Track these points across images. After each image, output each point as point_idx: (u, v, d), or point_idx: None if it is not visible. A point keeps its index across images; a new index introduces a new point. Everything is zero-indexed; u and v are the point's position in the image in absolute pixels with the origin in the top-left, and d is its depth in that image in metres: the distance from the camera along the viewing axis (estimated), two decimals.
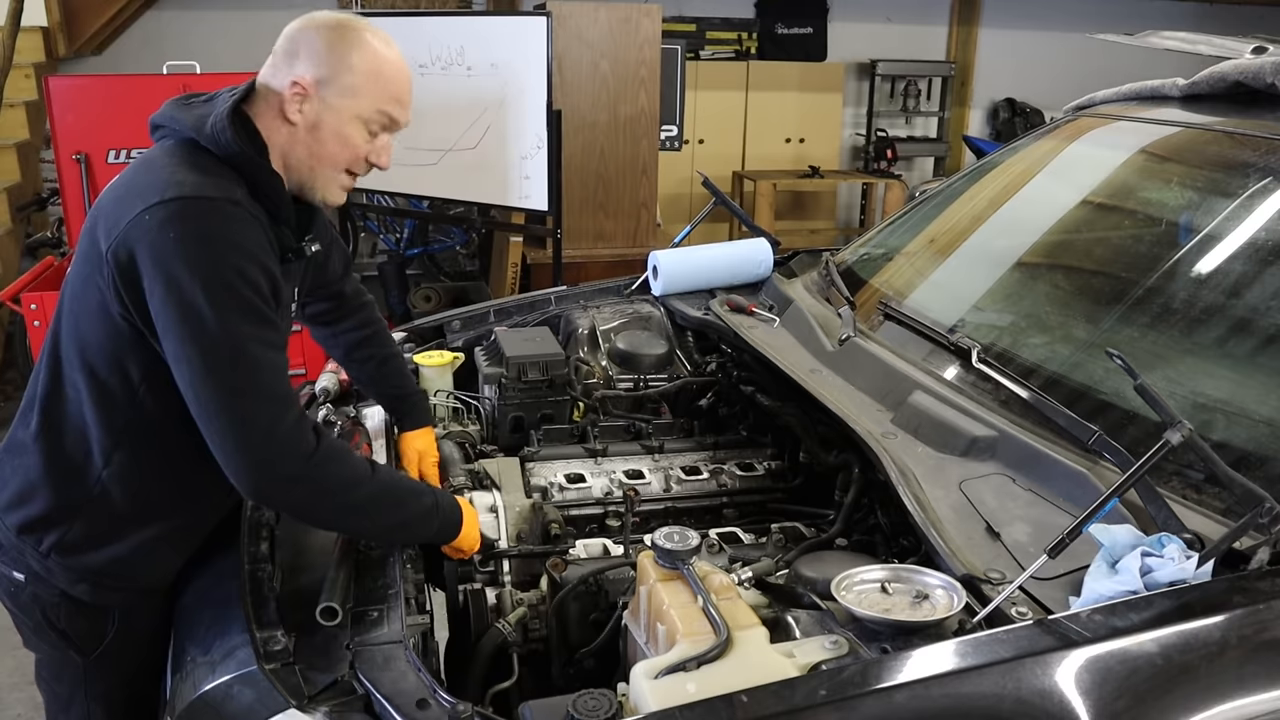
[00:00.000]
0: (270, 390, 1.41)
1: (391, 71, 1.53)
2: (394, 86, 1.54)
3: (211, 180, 1.43)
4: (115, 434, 1.52)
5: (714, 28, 7.63)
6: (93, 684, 1.67)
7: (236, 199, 1.43)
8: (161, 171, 1.44)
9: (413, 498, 1.59)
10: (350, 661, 1.35)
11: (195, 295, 1.36)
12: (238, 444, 1.40)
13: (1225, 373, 1.69)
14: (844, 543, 1.74)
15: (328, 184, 1.57)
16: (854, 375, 1.99)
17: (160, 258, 1.38)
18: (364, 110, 1.52)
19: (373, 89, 1.51)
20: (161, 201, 1.39)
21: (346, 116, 1.51)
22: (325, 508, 1.51)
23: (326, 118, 1.51)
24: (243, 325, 1.39)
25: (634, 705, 1.22)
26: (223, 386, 1.39)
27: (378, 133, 1.56)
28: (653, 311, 2.64)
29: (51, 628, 1.62)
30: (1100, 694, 1.14)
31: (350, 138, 1.53)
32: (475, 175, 4.43)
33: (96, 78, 5.04)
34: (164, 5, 6.63)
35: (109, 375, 1.49)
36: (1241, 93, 2.11)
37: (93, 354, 1.49)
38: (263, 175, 1.49)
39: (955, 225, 2.49)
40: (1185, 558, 1.28)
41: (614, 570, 1.66)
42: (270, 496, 1.48)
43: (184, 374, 1.40)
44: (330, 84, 1.49)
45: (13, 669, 2.92)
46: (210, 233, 1.39)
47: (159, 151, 1.50)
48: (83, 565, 1.57)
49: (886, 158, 7.63)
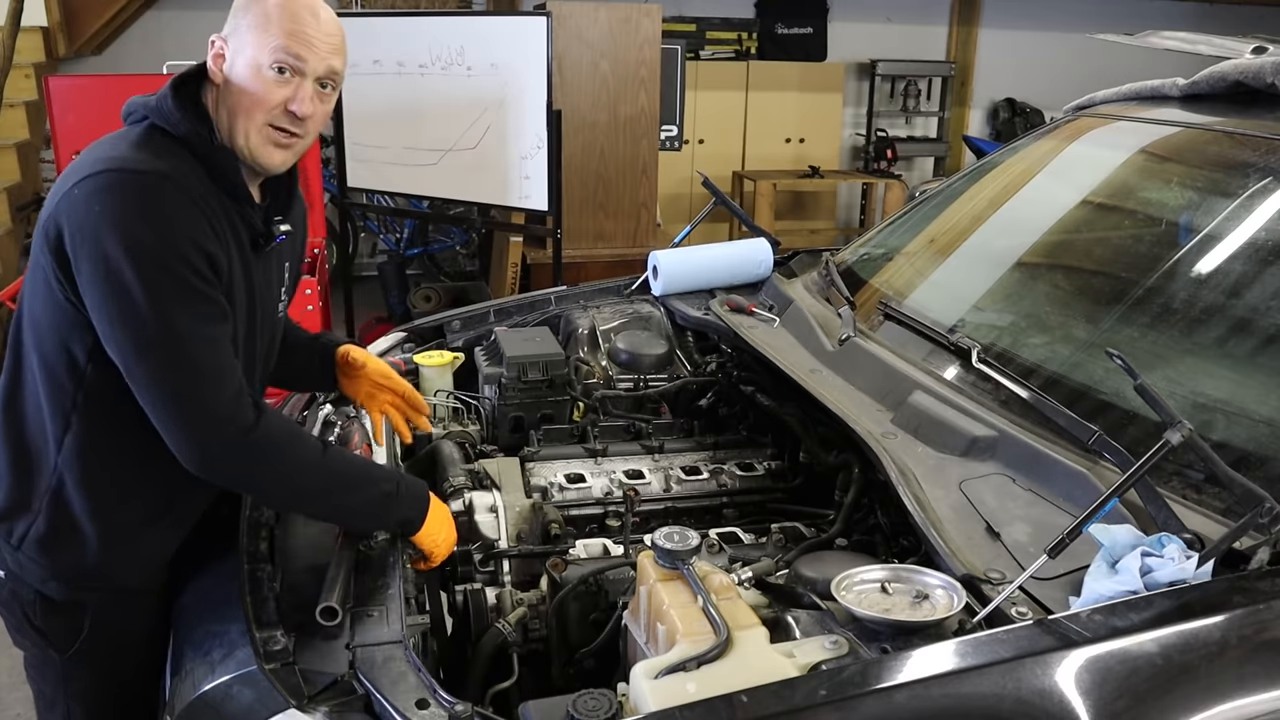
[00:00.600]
0: (204, 365, 1.40)
1: (278, 11, 1.49)
2: (286, 23, 1.49)
3: (147, 156, 1.42)
4: (65, 417, 1.51)
5: (714, 28, 7.63)
6: (71, 683, 1.66)
7: (165, 172, 1.41)
8: (102, 148, 1.45)
9: (369, 484, 1.56)
10: (350, 661, 1.35)
11: (121, 270, 1.36)
12: (175, 419, 1.40)
13: (1225, 373, 1.69)
14: (844, 543, 1.74)
15: (256, 141, 1.51)
16: (854, 375, 1.99)
17: (85, 232, 1.37)
18: (260, 53, 1.48)
19: (264, 28, 1.49)
20: (89, 175, 1.39)
21: (247, 60, 1.49)
22: (270, 483, 1.51)
23: (235, 70, 1.50)
24: (172, 299, 1.38)
25: (634, 705, 1.22)
26: (155, 363, 1.39)
27: (288, 76, 1.49)
28: (653, 311, 2.64)
29: (30, 625, 1.61)
30: (1100, 694, 1.14)
31: (255, 82, 1.49)
32: (475, 175, 4.43)
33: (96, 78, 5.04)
34: (164, 5, 6.63)
35: (56, 357, 1.49)
36: (1241, 93, 2.11)
37: (43, 335, 1.49)
38: (209, 149, 1.48)
39: (955, 225, 2.49)
40: (1185, 558, 1.28)
41: (614, 570, 1.66)
42: (212, 471, 1.47)
43: (116, 353, 1.40)
44: (234, 34, 1.50)
45: (11, 668, 2.92)
46: (135, 206, 1.38)
47: (111, 134, 1.51)
48: (53, 562, 1.56)
49: (886, 158, 7.63)
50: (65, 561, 1.56)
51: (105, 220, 1.36)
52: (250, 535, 1.63)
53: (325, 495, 1.54)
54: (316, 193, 4.84)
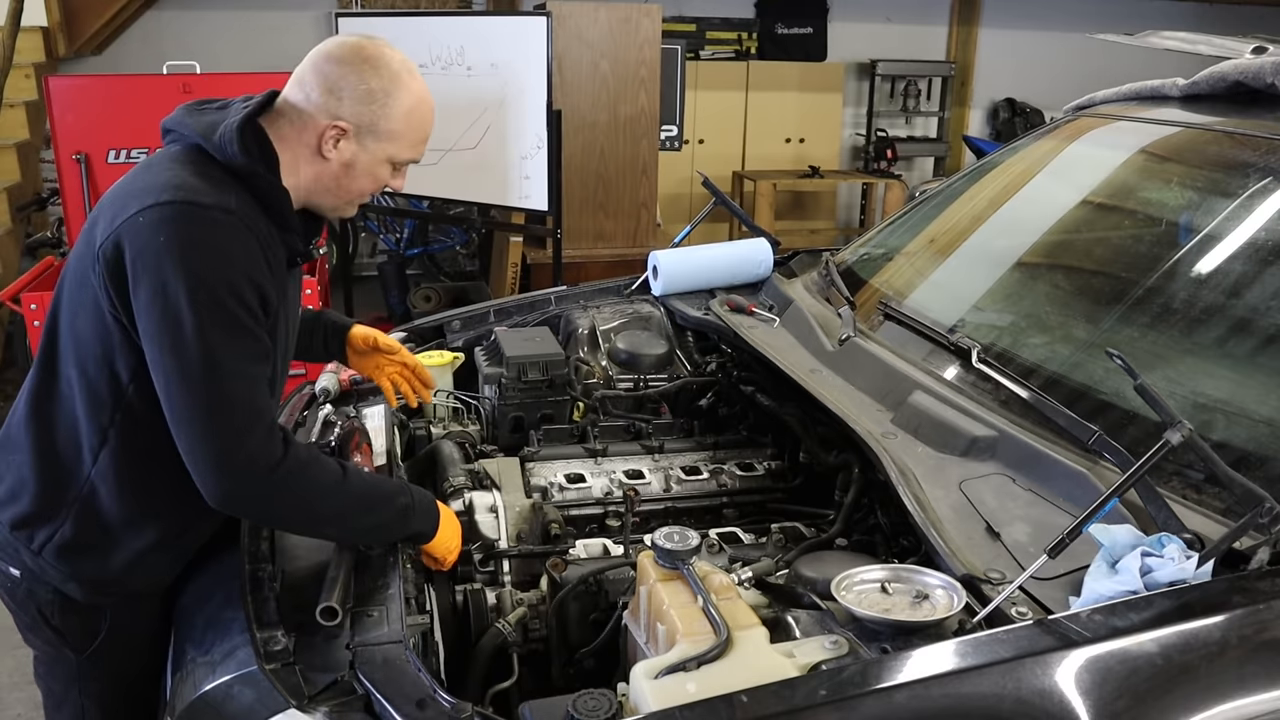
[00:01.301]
0: (240, 403, 1.41)
1: (425, 116, 1.58)
2: (426, 129, 1.59)
3: (210, 187, 1.44)
4: (103, 432, 1.52)
5: (714, 28, 7.63)
6: (86, 682, 1.67)
7: (231, 208, 1.43)
8: (162, 174, 1.45)
9: (384, 502, 1.58)
10: (350, 661, 1.35)
11: (178, 301, 1.37)
12: (204, 454, 1.41)
13: (1225, 373, 1.69)
14: (844, 543, 1.74)
15: (346, 208, 1.63)
16: (854, 375, 1.99)
17: (148, 259, 1.39)
18: (399, 154, 1.57)
19: (408, 135, 1.56)
20: (157, 204, 1.40)
21: (381, 158, 1.56)
22: (292, 517, 1.54)
23: (362, 159, 1.54)
24: (222, 337, 1.39)
25: (634, 705, 1.22)
26: (194, 397, 1.39)
27: (402, 169, 1.61)
28: (653, 311, 2.64)
29: (46, 624, 1.62)
30: (1100, 694, 1.14)
31: (379, 176, 1.58)
32: (475, 175, 4.43)
33: (96, 78, 5.04)
34: (164, 5, 6.63)
35: (98, 373, 1.49)
36: (1241, 93, 2.11)
37: (85, 351, 1.50)
38: (269, 190, 1.50)
39: (955, 225, 2.49)
40: (1185, 558, 1.28)
41: (614, 570, 1.66)
42: (235, 507, 1.48)
43: (160, 380, 1.41)
44: (371, 130, 1.53)
45: (13, 669, 2.92)
46: (200, 239, 1.40)
47: (163, 155, 1.51)
48: (74, 569, 1.57)
49: (886, 158, 7.63)
50: (84, 568, 1.57)
51: (170, 250, 1.38)
52: (250, 535, 1.63)
53: (342, 519, 1.54)
54: None
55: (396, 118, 1.53)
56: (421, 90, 1.57)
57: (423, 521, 1.61)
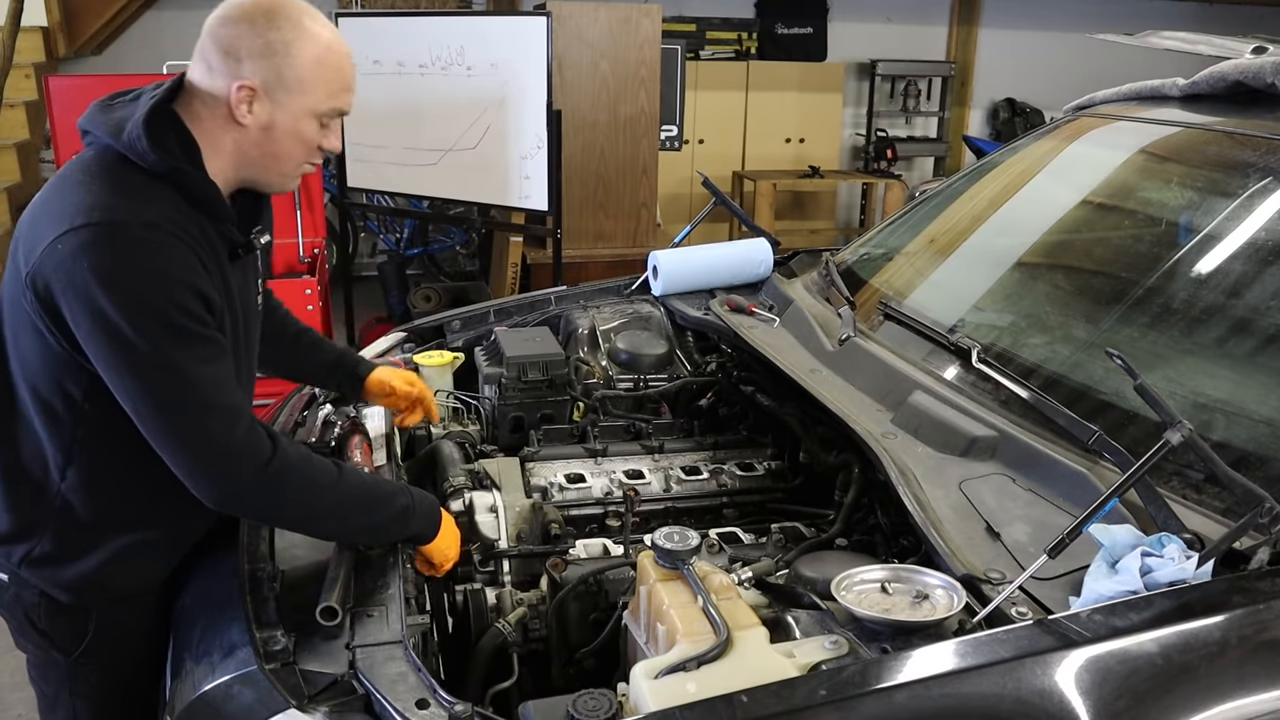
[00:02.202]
0: (215, 406, 1.39)
1: (337, 61, 1.48)
2: (342, 76, 1.49)
3: (126, 201, 1.37)
4: (66, 449, 1.50)
5: (714, 28, 7.62)
6: (76, 683, 1.66)
7: (151, 220, 1.36)
8: (74, 191, 1.38)
9: (383, 501, 1.57)
10: (350, 661, 1.35)
11: (120, 326, 1.33)
12: (192, 459, 1.40)
13: (1225, 373, 1.69)
14: (844, 543, 1.74)
15: (285, 179, 1.54)
16: (854, 375, 1.99)
17: (77, 289, 1.33)
18: (318, 106, 1.47)
19: (322, 83, 1.46)
20: (72, 229, 1.33)
21: (299, 112, 1.46)
22: (290, 514, 1.52)
23: (279, 117, 1.45)
24: (174, 349, 1.35)
25: (634, 705, 1.22)
26: (165, 408, 1.38)
27: (328, 123, 1.51)
28: (653, 311, 2.64)
29: (33, 627, 1.61)
30: (1100, 694, 1.14)
31: (305, 133, 1.48)
32: (475, 175, 4.43)
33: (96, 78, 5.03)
34: (164, 5, 6.63)
35: (51, 394, 1.47)
36: (1241, 93, 2.11)
37: (33, 373, 1.47)
38: (193, 184, 1.43)
39: (955, 225, 2.49)
40: (1185, 558, 1.28)
41: (614, 570, 1.66)
42: (232, 506, 1.47)
43: (125, 400, 1.39)
44: (280, 84, 1.44)
45: (13, 669, 2.92)
46: (125, 260, 1.34)
47: (77, 164, 1.44)
48: (54, 576, 1.56)
49: (886, 158, 7.63)
50: (66, 576, 1.56)
51: (96, 278, 1.32)
52: (250, 535, 1.63)
53: (343, 518, 1.54)
54: (317, 193, 4.84)
55: (304, 65, 1.44)
56: (328, 36, 1.47)
57: (423, 524, 1.61)
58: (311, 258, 4.69)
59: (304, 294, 4.24)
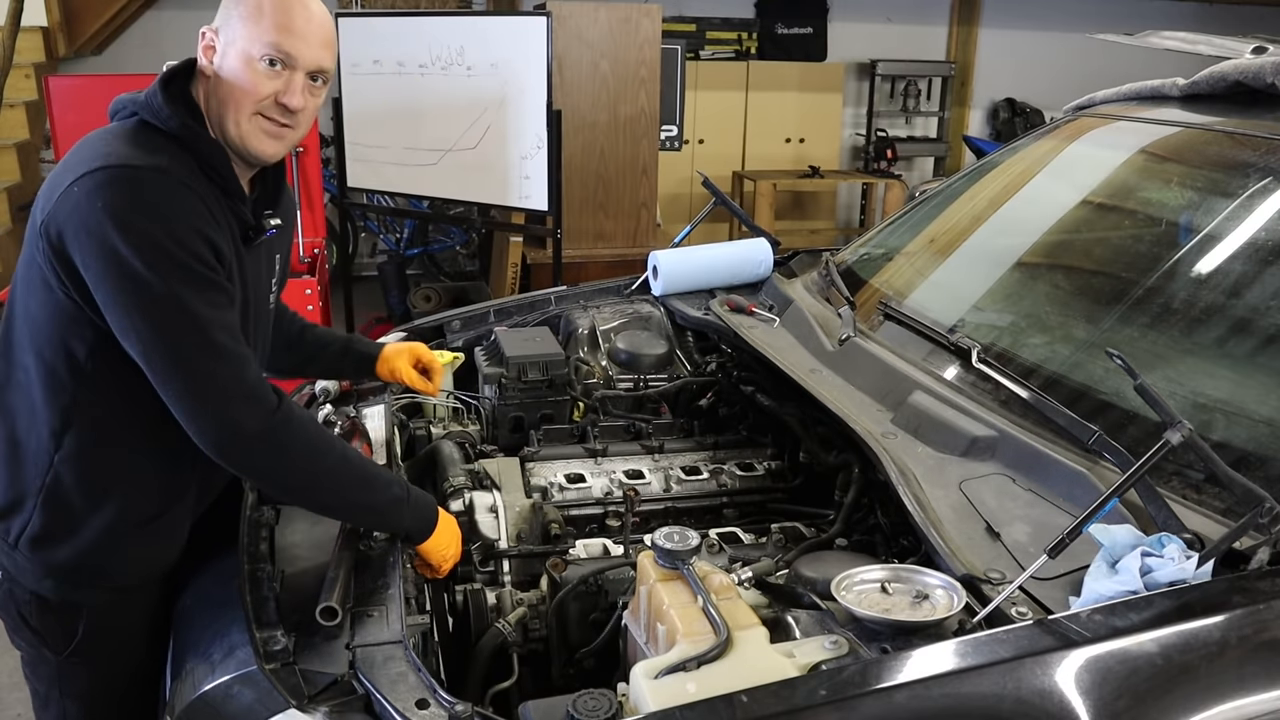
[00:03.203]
0: (225, 347, 1.41)
1: (271, 4, 1.50)
2: (278, 16, 1.50)
3: (142, 152, 1.43)
4: (64, 415, 1.50)
5: (714, 28, 7.63)
6: (66, 682, 1.66)
7: (164, 167, 1.42)
8: (95, 145, 1.45)
9: (381, 484, 1.57)
10: (350, 661, 1.35)
11: (132, 262, 1.36)
12: (198, 401, 1.41)
13: (1225, 373, 1.69)
14: (844, 543, 1.74)
15: (247, 131, 1.52)
16: (854, 375, 1.99)
17: (90, 228, 1.37)
18: (251, 45, 1.49)
19: (256, 20, 1.49)
20: (89, 172, 1.39)
21: (238, 53, 1.49)
22: (289, 470, 1.50)
23: (226, 61, 1.50)
24: (185, 288, 1.39)
25: (634, 705, 1.22)
26: (176, 347, 1.39)
27: (279, 70, 1.50)
28: (653, 311, 2.64)
29: (25, 625, 1.62)
30: (1100, 694, 1.14)
31: (245, 74, 1.49)
32: (475, 175, 4.43)
33: (96, 78, 5.03)
34: (164, 5, 6.63)
35: (55, 354, 1.48)
36: (1241, 93, 2.11)
37: (39, 333, 1.49)
38: (201, 144, 1.48)
39: (955, 225, 2.49)
40: (1185, 558, 1.28)
41: (614, 570, 1.66)
42: (233, 455, 1.47)
43: (134, 344, 1.40)
44: (225, 26, 1.50)
45: (13, 669, 2.92)
46: (138, 199, 1.38)
47: (98, 132, 1.51)
48: (48, 560, 1.55)
49: (886, 158, 7.63)
50: (59, 559, 1.55)
51: (110, 217, 1.36)
52: (250, 535, 1.63)
53: (341, 488, 1.54)
54: (317, 193, 4.84)
55: (248, 5, 1.49)
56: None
57: (416, 519, 1.60)
58: (311, 258, 4.69)
59: (304, 294, 4.24)
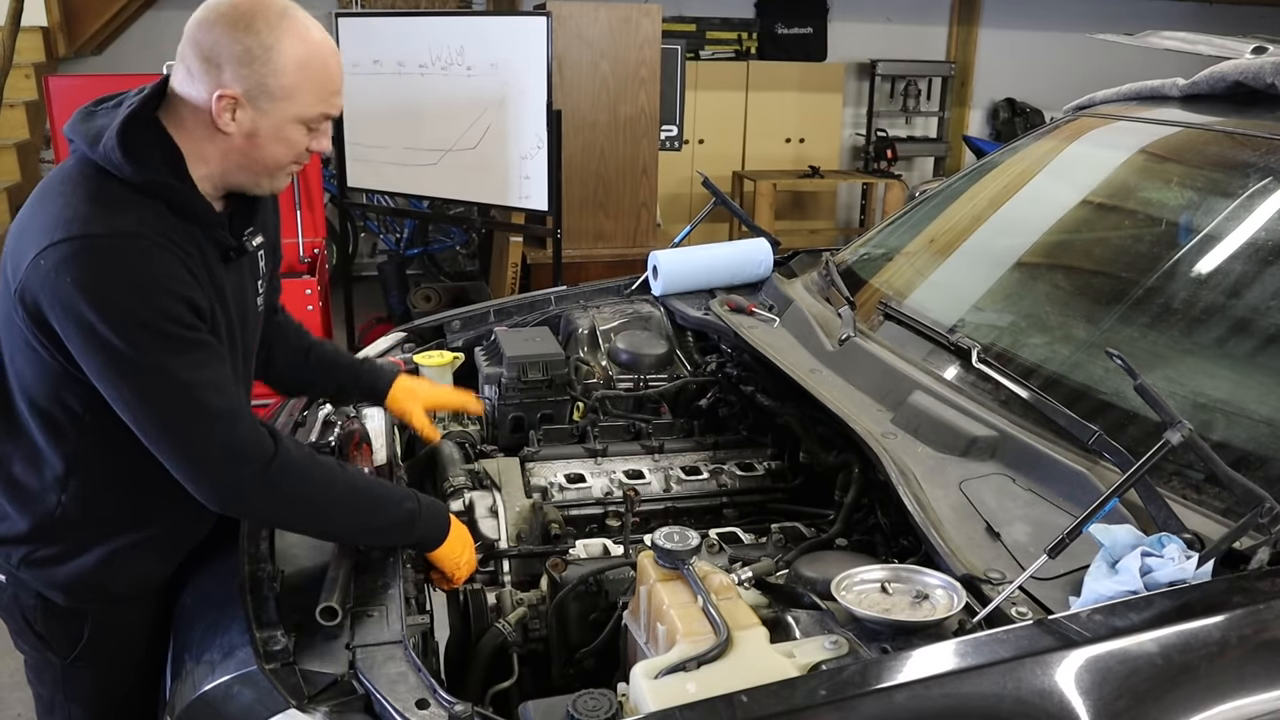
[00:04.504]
0: (214, 408, 1.38)
1: (323, 62, 1.42)
2: (328, 81, 1.43)
3: (105, 211, 1.34)
4: (68, 460, 1.50)
5: (714, 28, 7.63)
6: (71, 686, 1.66)
7: (131, 230, 1.33)
8: (54, 203, 1.36)
9: (393, 502, 1.56)
10: (350, 661, 1.35)
11: (110, 339, 1.31)
12: (193, 464, 1.40)
13: (1225, 373, 1.69)
14: (844, 543, 1.74)
15: (272, 183, 1.50)
16: (854, 375, 1.99)
17: (64, 304, 1.32)
18: (304, 112, 1.42)
19: (308, 89, 1.41)
20: (52, 244, 1.31)
21: (284, 120, 1.42)
22: (295, 513, 1.51)
23: (264, 125, 1.41)
24: (165, 356, 1.34)
25: (634, 705, 1.22)
26: (163, 416, 1.37)
27: (316, 128, 1.47)
28: (653, 311, 2.64)
29: (30, 629, 1.61)
30: (1100, 694, 1.14)
31: (291, 139, 1.44)
32: (475, 175, 4.43)
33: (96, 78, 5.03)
34: (164, 5, 6.63)
35: (51, 406, 1.46)
36: (1241, 93, 2.11)
37: (30, 386, 1.46)
38: (173, 194, 1.39)
39: (955, 225, 2.49)
40: (1185, 558, 1.28)
41: (614, 570, 1.66)
42: (237, 509, 1.47)
43: (123, 411, 1.38)
44: (263, 92, 1.39)
45: (14, 669, 2.92)
46: (106, 272, 1.31)
47: (57, 176, 1.42)
48: (53, 578, 1.56)
49: (886, 158, 7.63)
50: (63, 577, 1.56)
51: (80, 292, 1.30)
52: (250, 535, 1.62)
53: (348, 519, 1.53)
54: (317, 193, 4.84)
55: (287, 72, 1.38)
56: (312, 37, 1.40)
57: (429, 528, 1.60)
58: (311, 258, 4.69)
59: (304, 294, 4.24)
